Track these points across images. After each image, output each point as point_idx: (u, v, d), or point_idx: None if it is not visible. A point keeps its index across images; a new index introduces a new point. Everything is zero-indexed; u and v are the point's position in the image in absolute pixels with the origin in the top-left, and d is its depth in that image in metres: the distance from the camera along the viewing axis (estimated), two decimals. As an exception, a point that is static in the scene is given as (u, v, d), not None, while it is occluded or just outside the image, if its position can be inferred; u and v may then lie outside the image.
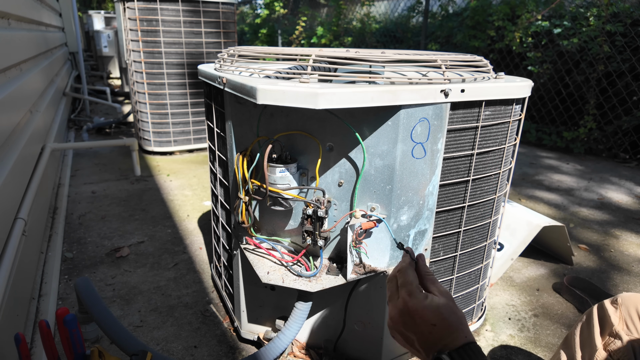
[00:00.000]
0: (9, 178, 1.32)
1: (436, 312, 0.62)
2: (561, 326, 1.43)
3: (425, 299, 0.64)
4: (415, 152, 0.97)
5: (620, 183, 2.86)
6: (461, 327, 0.61)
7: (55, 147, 2.25)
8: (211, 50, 3.21)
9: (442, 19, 5.12)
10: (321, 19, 7.66)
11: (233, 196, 1.15)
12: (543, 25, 3.77)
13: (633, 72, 3.29)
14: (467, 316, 1.31)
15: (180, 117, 3.25)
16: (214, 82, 1.08)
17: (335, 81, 0.95)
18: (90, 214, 2.20)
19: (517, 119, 1.14)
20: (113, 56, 6.75)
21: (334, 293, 1.12)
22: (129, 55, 3.10)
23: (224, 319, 1.42)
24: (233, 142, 1.09)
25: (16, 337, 0.81)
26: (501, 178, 1.16)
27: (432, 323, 0.62)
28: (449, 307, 0.63)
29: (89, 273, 1.67)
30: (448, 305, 0.63)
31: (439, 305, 0.63)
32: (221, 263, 1.42)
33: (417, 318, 0.63)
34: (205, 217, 2.19)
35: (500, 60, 4.21)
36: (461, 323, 0.62)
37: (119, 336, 1.02)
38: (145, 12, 2.93)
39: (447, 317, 0.61)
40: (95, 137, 3.75)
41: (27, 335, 1.25)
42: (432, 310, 0.62)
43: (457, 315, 0.63)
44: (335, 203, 1.02)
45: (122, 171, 2.90)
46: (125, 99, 5.46)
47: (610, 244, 2.00)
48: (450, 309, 0.63)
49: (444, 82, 0.96)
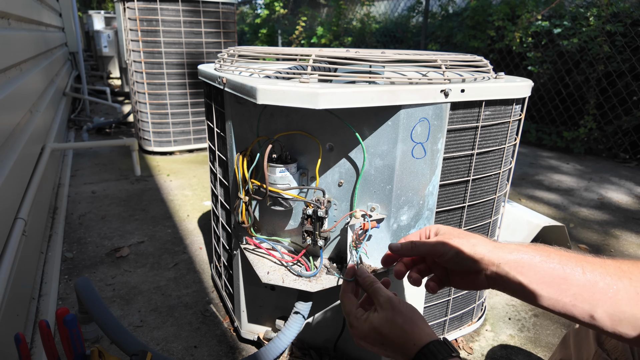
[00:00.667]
0: (9, 178, 1.33)
1: (376, 332, 0.63)
2: (561, 326, 1.43)
3: (364, 322, 0.65)
4: (415, 152, 0.97)
5: (620, 183, 2.86)
6: (406, 336, 0.60)
7: (55, 147, 2.25)
8: (211, 50, 3.21)
9: (442, 19, 5.12)
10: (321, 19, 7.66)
11: (233, 196, 1.15)
12: (543, 25, 3.77)
13: (633, 72, 3.29)
14: (467, 316, 1.31)
15: (180, 117, 3.25)
16: (214, 82, 1.08)
17: (335, 81, 0.95)
18: (90, 214, 2.20)
19: (517, 119, 1.14)
20: (113, 56, 6.75)
21: (334, 293, 1.12)
22: (129, 55, 3.10)
23: (224, 319, 1.42)
24: (233, 142, 1.09)
25: (16, 337, 0.81)
26: (501, 178, 1.16)
27: (380, 342, 0.63)
28: (387, 322, 0.62)
29: (89, 273, 1.67)
30: (386, 320, 0.63)
31: (377, 326, 0.63)
32: (221, 263, 1.42)
33: (365, 343, 0.65)
34: (205, 217, 2.19)
35: (500, 60, 4.21)
36: (405, 332, 0.61)
37: (119, 336, 1.02)
38: (145, 12, 2.93)
39: (388, 333, 0.62)
40: (95, 137, 3.75)
41: (27, 335, 1.25)
42: (373, 332, 0.63)
43: (397, 326, 0.62)
44: (335, 203, 1.02)
45: (122, 171, 2.90)
46: (125, 99, 5.46)
47: (610, 244, 2.00)
48: (389, 322, 0.62)
49: (444, 82, 0.96)
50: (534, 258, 0.59)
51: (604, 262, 0.57)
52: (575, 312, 0.56)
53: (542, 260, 0.59)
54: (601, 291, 0.54)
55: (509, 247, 0.62)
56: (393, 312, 0.63)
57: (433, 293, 0.72)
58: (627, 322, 0.53)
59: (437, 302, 1.20)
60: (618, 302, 0.53)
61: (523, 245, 0.62)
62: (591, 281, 0.55)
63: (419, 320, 0.63)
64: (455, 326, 1.30)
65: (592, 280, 0.55)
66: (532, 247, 0.62)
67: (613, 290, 0.54)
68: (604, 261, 0.57)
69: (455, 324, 1.29)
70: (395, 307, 0.64)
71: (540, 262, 0.59)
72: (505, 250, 0.62)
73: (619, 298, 0.53)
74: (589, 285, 0.55)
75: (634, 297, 0.53)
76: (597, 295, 0.54)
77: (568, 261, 0.58)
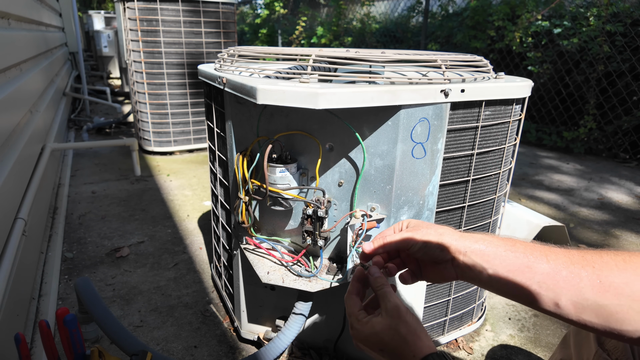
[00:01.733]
0: (9, 178, 1.33)
1: (377, 337, 0.63)
2: (561, 326, 1.43)
3: (365, 325, 0.65)
4: (415, 152, 0.97)
5: (620, 183, 2.86)
6: (407, 347, 0.60)
7: (55, 147, 2.25)
8: (211, 50, 3.21)
9: (442, 19, 5.12)
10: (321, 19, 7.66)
11: (233, 196, 1.15)
12: (543, 25, 3.77)
13: (633, 72, 3.29)
14: (467, 316, 1.31)
15: (180, 117, 3.25)
16: (214, 82, 1.08)
17: (335, 81, 0.95)
18: (90, 214, 2.20)
19: (517, 119, 1.14)
20: (113, 56, 6.75)
21: (334, 293, 1.12)
22: (129, 55, 3.10)
23: (224, 319, 1.42)
24: (233, 142, 1.09)
25: (16, 337, 0.81)
26: (501, 178, 1.16)
27: (379, 348, 0.63)
28: (390, 329, 0.62)
29: (89, 273, 1.67)
30: (389, 327, 0.62)
31: (378, 331, 0.63)
32: (221, 263, 1.42)
33: (364, 346, 0.65)
34: (205, 217, 2.19)
35: (500, 60, 4.21)
36: (407, 343, 0.60)
37: (119, 336, 1.02)
38: (145, 12, 2.93)
39: (390, 341, 0.62)
40: (95, 137, 3.75)
41: (27, 335, 1.25)
42: (374, 337, 0.63)
43: (400, 335, 0.61)
44: (335, 203, 1.02)
45: (122, 171, 2.90)
46: (125, 99, 5.46)
47: (610, 244, 2.00)
48: (392, 330, 0.62)
49: (444, 82, 0.96)
50: (498, 248, 0.60)
51: (569, 252, 0.57)
52: (540, 301, 0.56)
53: (507, 249, 0.60)
54: (565, 279, 0.55)
55: (475, 236, 0.63)
56: (399, 320, 0.63)
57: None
58: (591, 310, 0.53)
59: (437, 302, 1.20)
60: (581, 290, 0.54)
61: (489, 235, 0.63)
62: (555, 269, 0.56)
63: (421, 332, 0.62)
64: (455, 326, 1.30)
65: (556, 269, 0.56)
66: (497, 237, 0.63)
67: (577, 279, 0.54)
68: (569, 251, 0.58)
69: (455, 324, 1.29)
70: (402, 316, 0.63)
71: (505, 251, 0.60)
72: (471, 240, 0.63)
73: (582, 286, 0.54)
74: (553, 274, 0.56)
75: (596, 285, 0.53)
76: (562, 283, 0.55)
77: (533, 251, 0.59)
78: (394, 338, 0.62)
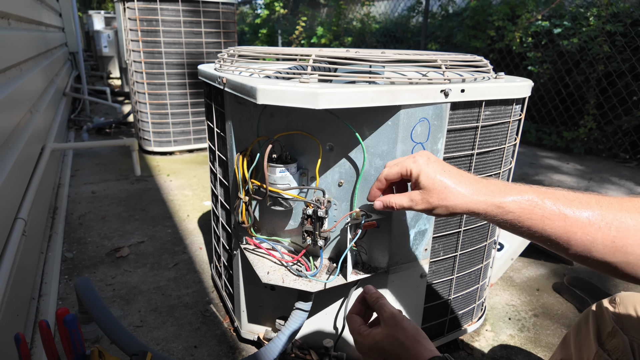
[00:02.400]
0: (9, 178, 1.33)
1: (378, 346, 0.65)
2: (561, 326, 1.43)
3: (366, 337, 0.68)
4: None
5: (620, 183, 2.86)
6: (407, 352, 0.62)
7: (55, 147, 2.25)
8: (211, 50, 3.21)
9: (442, 19, 5.12)
10: (321, 19, 7.66)
11: (233, 196, 1.15)
12: (543, 25, 3.77)
13: (633, 72, 3.29)
14: (467, 316, 1.31)
15: (180, 117, 3.25)
16: (214, 82, 1.08)
17: (335, 81, 0.95)
18: (90, 214, 2.20)
19: (517, 119, 1.14)
20: (113, 56, 6.75)
21: (334, 293, 1.12)
22: (129, 55, 3.10)
23: (224, 319, 1.42)
24: (233, 142, 1.09)
25: (16, 337, 0.81)
26: (501, 178, 1.16)
27: (382, 357, 0.65)
28: (389, 337, 0.65)
29: (89, 273, 1.67)
30: (388, 335, 0.65)
31: (379, 341, 0.66)
32: (221, 263, 1.42)
33: (368, 358, 0.67)
34: (205, 217, 2.19)
35: (500, 60, 4.21)
36: (406, 348, 0.62)
37: (119, 336, 1.02)
38: (145, 12, 2.93)
39: (390, 349, 0.64)
40: (95, 137, 3.75)
41: (27, 335, 1.25)
42: (375, 347, 0.66)
43: (399, 341, 0.63)
44: (335, 203, 1.02)
45: (122, 171, 2.90)
46: (125, 99, 5.46)
47: (610, 244, 2.00)
48: (391, 337, 0.64)
49: (444, 82, 0.96)
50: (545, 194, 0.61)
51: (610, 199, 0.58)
52: (598, 234, 0.56)
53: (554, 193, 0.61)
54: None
55: (517, 187, 0.63)
56: (395, 328, 0.65)
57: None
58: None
59: (437, 302, 1.20)
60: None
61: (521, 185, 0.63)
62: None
63: (420, 337, 0.64)
64: (455, 326, 1.30)
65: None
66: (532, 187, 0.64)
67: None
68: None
69: (455, 324, 1.29)
70: (398, 324, 0.66)
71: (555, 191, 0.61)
72: (515, 190, 0.62)
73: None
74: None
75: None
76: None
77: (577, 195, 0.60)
78: (393, 345, 0.64)
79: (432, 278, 1.15)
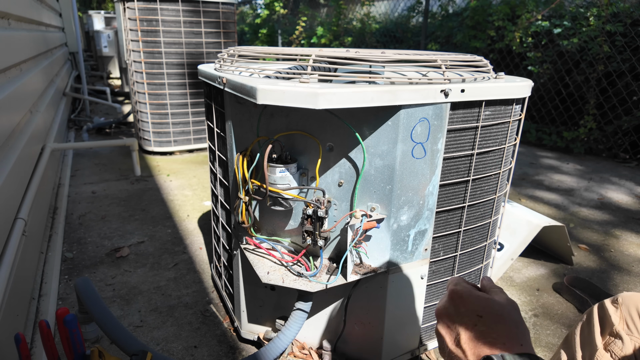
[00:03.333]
0: (9, 178, 1.32)
1: (485, 303, 0.56)
2: (561, 326, 1.43)
3: (474, 292, 0.58)
4: (415, 152, 0.97)
5: (620, 183, 2.86)
6: (516, 331, 0.53)
7: (55, 147, 2.25)
8: (211, 50, 3.21)
9: (442, 19, 5.12)
10: (321, 19, 7.66)
11: (233, 196, 1.15)
12: (543, 25, 3.77)
13: (633, 72, 3.29)
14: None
15: (180, 117, 3.25)
16: (214, 82, 1.08)
17: (335, 81, 0.95)
18: (90, 214, 2.20)
19: (517, 119, 1.14)
20: (113, 56, 6.75)
21: (334, 293, 1.12)
22: (129, 55, 3.10)
23: (224, 319, 1.42)
24: (233, 142, 1.09)
25: (16, 337, 0.81)
26: (501, 178, 1.16)
27: (478, 314, 0.55)
28: (501, 305, 0.56)
29: (89, 273, 1.67)
30: (502, 304, 0.56)
31: (490, 299, 0.56)
32: (221, 263, 1.42)
33: (461, 306, 0.57)
34: (205, 217, 2.19)
35: (500, 60, 4.21)
36: (516, 326, 0.54)
37: (119, 336, 1.02)
38: (145, 12, 2.93)
39: (498, 312, 0.54)
40: (95, 137, 3.75)
41: (27, 335, 1.25)
42: (480, 300, 0.56)
43: (511, 317, 0.55)
44: (335, 203, 1.02)
45: (122, 171, 2.90)
46: (125, 99, 5.46)
47: (610, 244, 2.00)
48: (503, 307, 0.55)
49: (444, 82, 0.96)
50: None
51: None
52: None
53: None
54: None
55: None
56: (513, 309, 0.57)
57: None
58: None
59: (437, 302, 1.20)
60: None
61: None
62: None
63: (527, 333, 0.55)
64: (456, 326, 1.30)
65: None
66: None
67: None
68: None
69: (455, 324, 1.29)
70: (517, 310, 0.57)
71: None
72: None
73: None
74: None
75: None
76: None
77: None
78: (511, 314, 0.55)
79: (432, 278, 1.15)
